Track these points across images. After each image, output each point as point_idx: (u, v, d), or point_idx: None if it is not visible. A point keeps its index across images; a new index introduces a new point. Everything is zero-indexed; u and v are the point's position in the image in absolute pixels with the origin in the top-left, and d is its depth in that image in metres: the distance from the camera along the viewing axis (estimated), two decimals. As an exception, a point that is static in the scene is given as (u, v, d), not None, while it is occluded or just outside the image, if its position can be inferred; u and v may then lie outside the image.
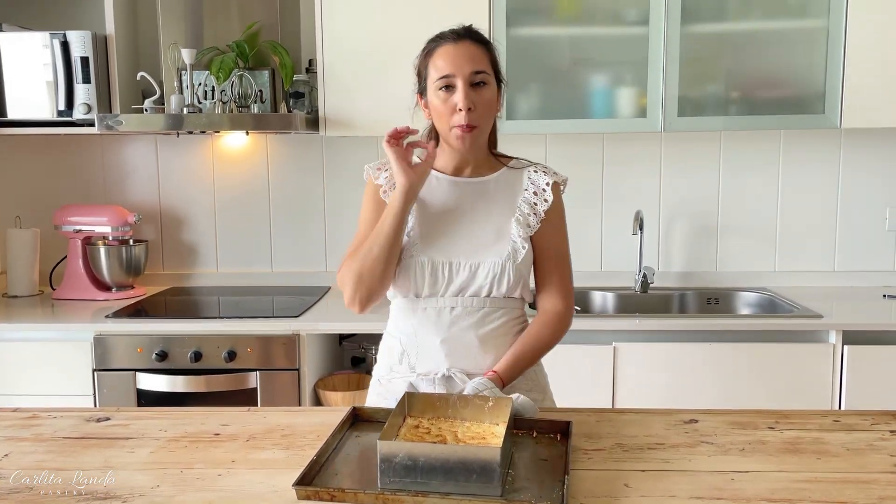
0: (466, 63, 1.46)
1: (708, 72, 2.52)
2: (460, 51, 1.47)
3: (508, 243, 1.52)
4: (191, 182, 2.96)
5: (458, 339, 1.51)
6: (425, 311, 1.52)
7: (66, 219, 2.77)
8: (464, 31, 1.51)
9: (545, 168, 1.61)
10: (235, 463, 1.24)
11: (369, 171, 1.62)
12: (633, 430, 1.37)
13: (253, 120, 2.53)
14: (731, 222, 2.85)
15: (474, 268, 1.50)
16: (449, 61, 1.47)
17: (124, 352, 2.37)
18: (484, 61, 1.49)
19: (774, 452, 1.27)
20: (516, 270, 1.51)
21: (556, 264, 1.58)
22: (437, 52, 1.49)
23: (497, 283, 1.50)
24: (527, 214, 1.55)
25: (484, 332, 1.52)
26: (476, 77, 1.47)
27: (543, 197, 1.56)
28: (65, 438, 1.35)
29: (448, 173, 1.58)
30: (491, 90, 1.49)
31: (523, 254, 1.51)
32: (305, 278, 2.95)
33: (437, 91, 1.48)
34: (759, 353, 2.30)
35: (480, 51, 1.49)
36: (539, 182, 1.58)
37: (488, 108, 1.49)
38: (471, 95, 1.46)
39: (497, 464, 1.09)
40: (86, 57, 2.57)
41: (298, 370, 2.38)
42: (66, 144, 2.95)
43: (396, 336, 1.57)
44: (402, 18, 2.50)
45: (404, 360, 1.55)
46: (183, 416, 1.45)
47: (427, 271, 1.50)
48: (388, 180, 1.58)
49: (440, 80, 1.47)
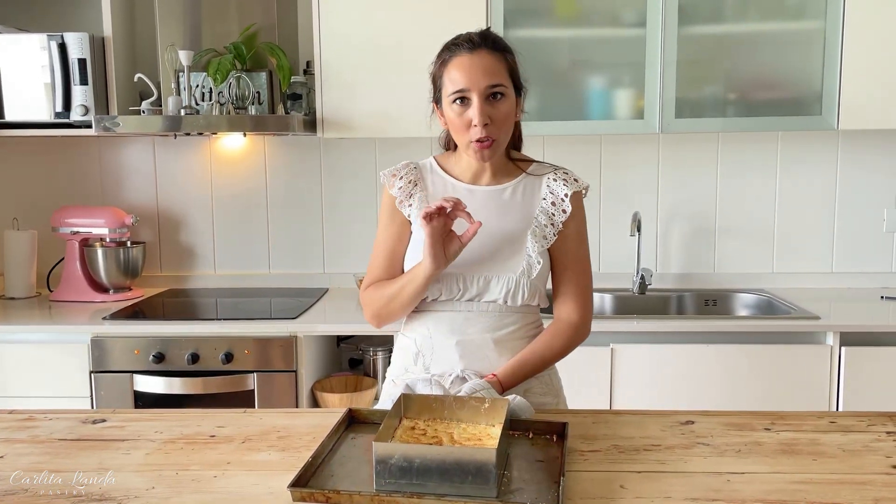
0: (482, 77, 1.42)
1: (705, 73, 2.53)
2: (476, 62, 1.43)
3: (523, 258, 1.50)
4: (188, 184, 2.96)
5: (473, 341, 1.51)
6: (441, 314, 1.52)
7: (64, 220, 2.77)
8: (480, 38, 1.46)
9: (566, 175, 1.57)
10: (231, 465, 1.23)
11: (384, 178, 1.61)
12: (630, 431, 1.36)
13: (250, 121, 2.53)
14: (728, 224, 2.85)
15: (488, 280, 1.50)
16: (464, 74, 1.43)
17: (121, 354, 2.37)
18: (501, 72, 1.45)
19: (770, 454, 1.27)
20: (531, 286, 1.50)
21: (573, 274, 1.56)
22: (452, 62, 1.45)
23: (511, 297, 1.50)
24: (543, 226, 1.53)
25: (499, 335, 1.52)
26: (492, 90, 1.43)
27: (562, 207, 1.54)
28: (61, 440, 1.35)
29: (465, 181, 1.57)
30: (508, 102, 1.46)
31: (538, 269, 1.50)
32: (303, 280, 2.95)
33: (452, 104, 1.45)
34: (756, 355, 2.30)
35: (497, 60, 1.45)
36: (558, 192, 1.55)
37: (506, 121, 1.46)
38: (486, 110, 1.43)
39: (493, 465, 1.09)
40: (83, 59, 2.56)
41: (296, 372, 2.37)
42: (64, 146, 2.95)
43: (411, 337, 1.57)
44: (400, 20, 2.50)
45: (419, 361, 1.55)
46: (179, 418, 1.45)
47: (441, 283, 1.49)
48: (404, 191, 1.56)
49: (455, 93, 1.44)
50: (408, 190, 1.56)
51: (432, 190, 1.57)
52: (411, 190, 1.56)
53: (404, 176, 1.58)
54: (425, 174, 1.59)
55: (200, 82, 2.66)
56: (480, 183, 1.56)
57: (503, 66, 1.46)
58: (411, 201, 1.56)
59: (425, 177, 1.59)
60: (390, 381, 1.61)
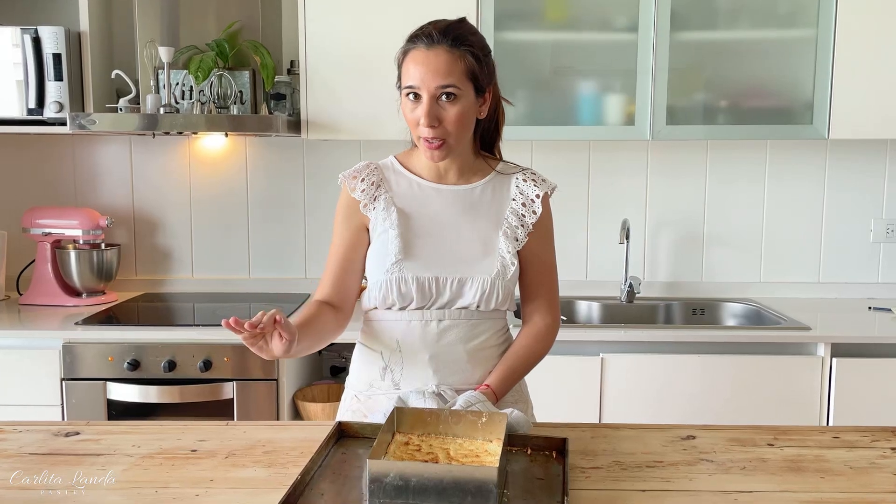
0: (433, 77, 1.37)
1: (697, 80, 2.50)
2: (430, 60, 1.37)
3: (497, 259, 1.46)
4: (166, 185, 2.87)
5: (447, 354, 1.45)
6: (410, 324, 1.45)
7: (35, 221, 2.67)
8: (440, 34, 1.39)
9: (534, 175, 1.54)
10: (214, 482, 1.17)
11: (343, 180, 1.52)
12: (630, 446, 1.32)
13: (231, 121, 2.46)
14: (716, 232, 2.83)
15: (462, 283, 1.44)
16: (416, 72, 1.38)
17: (94, 360, 2.28)
18: (455, 72, 1.37)
19: (777, 471, 1.23)
20: (505, 287, 1.46)
21: (544, 277, 1.53)
22: (409, 55, 1.41)
23: (486, 301, 1.45)
24: (514, 227, 1.49)
25: (472, 346, 1.46)
26: (443, 90, 1.37)
27: (532, 209, 1.50)
28: (31, 454, 1.27)
29: (431, 180, 1.51)
30: (463, 102, 1.39)
31: (512, 270, 1.46)
32: (284, 285, 2.87)
33: (406, 97, 1.41)
34: (747, 365, 2.27)
35: (454, 59, 1.38)
36: (528, 192, 1.51)
37: (458, 123, 1.39)
38: (435, 110, 1.38)
39: (493, 484, 1.04)
40: (58, 53, 2.48)
41: (277, 380, 2.30)
42: (36, 144, 2.85)
43: (377, 350, 1.49)
44: (387, 20, 2.45)
45: (387, 377, 1.48)
46: (157, 431, 1.37)
47: (413, 287, 1.43)
48: (367, 194, 1.49)
49: (407, 88, 1.40)
50: (371, 192, 1.49)
51: (397, 189, 1.50)
52: (375, 192, 1.49)
53: (366, 177, 1.50)
54: (388, 174, 1.53)
55: (181, 80, 2.58)
56: (447, 182, 1.50)
57: (460, 66, 1.38)
58: (375, 204, 1.49)
59: (388, 177, 1.52)
60: (352, 397, 1.53)
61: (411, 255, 1.44)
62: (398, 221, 1.46)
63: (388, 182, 1.51)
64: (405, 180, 1.52)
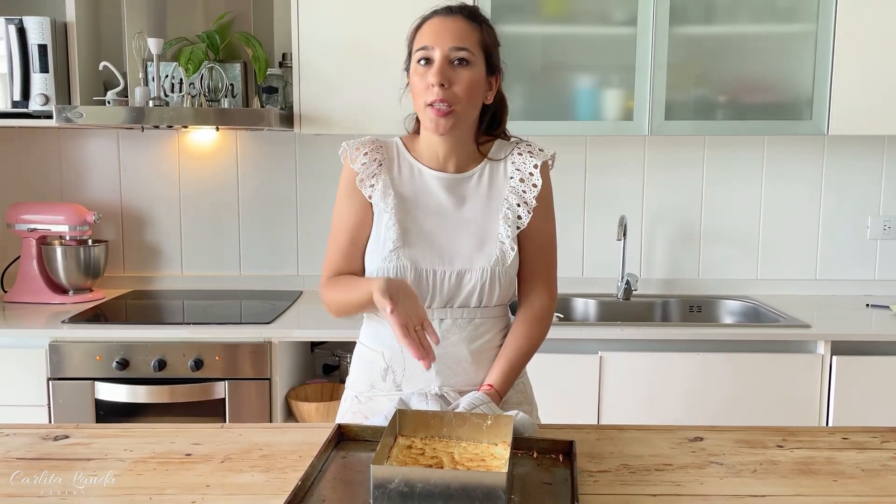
0: (449, 37, 1.36)
1: (696, 75, 2.47)
2: (447, 24, 1.37)
3: (496, 246, 1.41)
4: (155, 180, 2.81)
5: (450, 355, 1.41)
6: None
7: (20, 217, 2.61)
8: (459, 7, 1.41)
9: (529, 147, 1.48)
10: (210, 488, 1.13)
11: (346, 150, 1.47)
12: (638, 448, 1.29)
13: (221, 115, 2.40)
14: (713, 229, 2.80)
15: (461, 276, 1.40)
16: (431, 32, 1.37)
17: (82, 360, 2.22)
18: (470, 39, 1.37)
19: (788, 473, 1.20)
20: (506, 275, 1.42)
21: (544, 254, 1.48)
22: (425, 24, 1.40)
23: (488, 293, 1.41)
24: (516, 206, 1.44)
25: (476, 347, 1.43)
26: (456, 53, 1.35)
27: (532, 182, 1.46)
28: (18, 459, 1.22)
29: (432, 167, 1.46)
30: (474, 71, 1.37)
31: (512, 256, 1.42)
32: (276, 282, 2.82)
33: (416, 64, 1.38)
34: (746, 363, 2.25)
35: (470, 28, 1.38)
36: (525, 166, 1.46)
37: (468, 91, 1.36)
38: (447, 72, 1.35)
39: (502, 490, 1.00)
40: (44, 44, 2.41)
41: (269, 380, 2.26)
42: (21, 137, 2.78)
43: (378, 350, 1.46)
44: (382, 13, 2.40)
45: (388, 378, 1.44)
46: (150, 434, 1.33)
47: (410, 278, 1.39)
48: (367, 168, 1.45)
49: (419, 51, 1.37)
50: (371, 169, 1.45)
51: (398, 175, 1.46)
52: (375, 169, 1.45)
53: (369, 152, 1.46)
54: (392, 155, 1.48)
55: (171, 73, 2.52)
56: (448, 170, 1.46)
57: (475, 35, 1.39)
58: (373, 181, 1.44)
59: (392, 158, 1.48)
60: (352, 398, 1.49)
61: (409, 244, 1.40)
62: (396, 207, 1.42)
63: (391, 164, 1.47)
64: (407, 164, 1.47)
